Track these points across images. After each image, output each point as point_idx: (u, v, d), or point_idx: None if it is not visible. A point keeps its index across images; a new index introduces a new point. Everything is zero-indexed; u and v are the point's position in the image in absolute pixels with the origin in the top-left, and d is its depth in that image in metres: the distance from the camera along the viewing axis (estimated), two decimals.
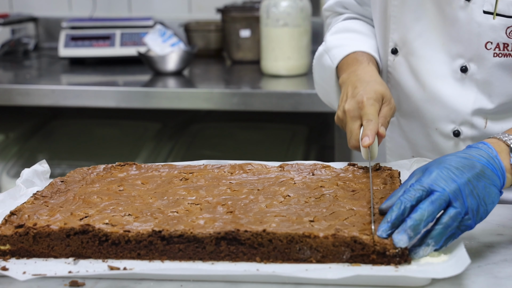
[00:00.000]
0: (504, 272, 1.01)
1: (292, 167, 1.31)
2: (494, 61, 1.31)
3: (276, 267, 1.01)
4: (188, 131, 2.96)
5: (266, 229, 1.02)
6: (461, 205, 1.00)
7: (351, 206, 1.11)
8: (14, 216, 1.10)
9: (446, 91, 1.38)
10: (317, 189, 1.19)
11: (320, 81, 1.56)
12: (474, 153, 1.06)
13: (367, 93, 1.30)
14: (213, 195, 1.18)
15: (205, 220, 1.06)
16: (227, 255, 1.03)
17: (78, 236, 1.04)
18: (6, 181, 2.68)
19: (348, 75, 1.40)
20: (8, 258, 1.06)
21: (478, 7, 1.29)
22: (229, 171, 1.30)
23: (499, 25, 1.28)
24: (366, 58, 1.44)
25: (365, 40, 1.50)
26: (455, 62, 1.36)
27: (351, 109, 1.31)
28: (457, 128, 1.39)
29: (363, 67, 1.41)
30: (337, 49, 1.48)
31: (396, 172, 1.26)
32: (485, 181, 1.03)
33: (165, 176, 1.28)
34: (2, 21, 3.17)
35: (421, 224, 0.98)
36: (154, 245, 1.03)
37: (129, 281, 0.99)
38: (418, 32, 1.39)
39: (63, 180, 1.26)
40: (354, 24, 1.55)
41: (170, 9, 3.38)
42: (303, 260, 1.02)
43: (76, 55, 3.01)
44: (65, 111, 3.06)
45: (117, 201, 1.15)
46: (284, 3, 2.63)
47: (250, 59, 2.97)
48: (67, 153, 2.86)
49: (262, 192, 1.18)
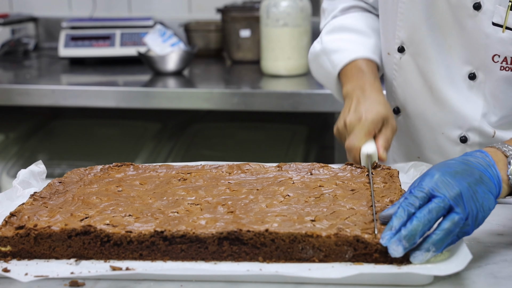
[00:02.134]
0: (504, 272, 1.01)
1: (290, 167, 1.31)
2: (501, 74, 1.28)
3: (279, 267, 1.01)
4: (188, 131, 2.96)
5: (269, 228, 1.02)
6: (462, 211, 0.98)
7: (352, 205, 1.11)
8: (14, 217, 1.10)
9: (454, 96, 1.35)
10: (316, 189, 1.19)
11: (318, 76, 1.57)
12: (473, 160, 1.05)
13: (369, 112, 1.32)
14: (212, 195, 1.18)
15: (206, 220, 1.06)
16: (230, 255, 1.03)
17: (80, 237, 1.04)
18: (6, 181, 2.68)
19: (353, 88, 1.40)
20: (9, 260, 1.05)
21: (488, 18, 1.26)
22: (227, 171, 1.30)
23: (508, 39, 1.25)
24: (371, 70, 1.43)
25: (364, 41, 1.48)
26: (463, 68, 1.33)
27: (351, 123, 1.33)
28: (464, 134, 1.37)
29: (369, 84, 1.40)
30: (337, 54, 1.47)
31: (395, 171, 1.26)
32: (483, 187, 1.01)
33: (163, 177, 1.28)
34: (2, 21, 3.17)
35: (416, 235, 0.96)
36: (156, 245, 1.03)
37: (129, 281, 0.99)
38: (426, 32, 1.35)
39: (61, 181, 1.26)
40: (351, 21, 1.52)
41: (170, 9, 3.38)
42: (306, 259, 1.02)
43: (76, 55, 3.01)
44: (65, 111, 3.06)
45: (117, 202, 1.15)
46: (284, 3, 2.63)
47: (250, 59, 2.97)
48: (67, 153, 2.86)
49: (261, 192, 1.18)
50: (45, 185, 1.26)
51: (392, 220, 0.99)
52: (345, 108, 1.38)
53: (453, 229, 0.98)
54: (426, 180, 1.01)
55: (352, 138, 1.32)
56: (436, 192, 0.99)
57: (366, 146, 1.31)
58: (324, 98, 2.39)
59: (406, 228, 0.97)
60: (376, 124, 1.33)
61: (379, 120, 1.33)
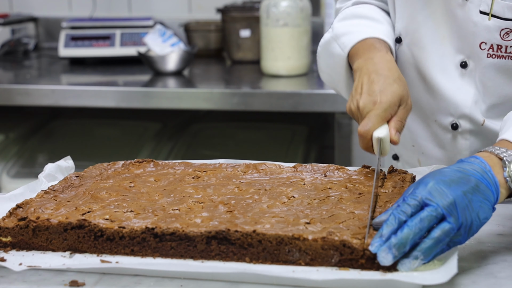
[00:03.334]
0: (504, 272, 1.01)
1: (305, 168, 1.30)
2: (488, 61, 1.31)
3: (265, 268, 1.01)
4: (188, 131, 2.96)
5: (256, 229, 1.02)
6: (455, 221, 0.96)
7: (353, 209, 1.10)
8: (20, 209, 1.13)
9: (446, 84, 1.37)
10: (324, 191, 1.18)
11: (326, 69, 1.48)
12: (468, 167, 1.02)
13: (384, 94, 1.24)
14: (219, 194, 1.18)
15: (202, 218, 1.07)
16: (217, 254, 1.03)
17: (75, 231, 1.06)
18: (6, 181, 2.68)
19: (365, 61, 1.32)
20: (9, 250, 1.08)
21: (475, 6, 1.29)
22: (243, 170, 1.31)
23: (494, 26, 1.28)
24: (384, 46, 1.36)
25: (377, 26, 1.41)
26: (456, 56, 1.36)
27: (365, 107, 1.24)
28: (456, 121, 1.39)
29: (381, 55, 1.32)
30: (347, 36, 1.40)
31: (409, 176, 1.23)
32: (479, 196, 0.99)
33: (179, 174, 1.29)
34: (2, 21, 3.17)
35: (407, 244, 0.95)
36: (147, 242, 1.05)
37: (129, 281, 1.00)
38: (421, 22, 1.38)
39: (78, 175, 1.28)
40: (363, 9, 1.47)
41: (170, 9, 3.38)
42: (292, 262, 1.01)
43: (76, 55, 3.01)
44: (65, 111, 3.06)
45: (124, 198, 1.17)
46: (284, 3, 2.63)
47: (250, 59, 2.97)
48: (67, 153, 2.82)
49: (268, 193, 1.18)
50: None
51: (383, 228, 0.97)
52: (357, 84, 1.29)
53: (442, 238, 0.96)
54: (420, 187, 0.98)
55: (366, 123, 1.22)
56: (428, 200, 0.97)
57: (377, 130, 1.22)
58: (324, 98, 2.39)
59: (396, 237, 0.95)
60: (393, 108, 1.24)
61: (395, 102, 1.24)
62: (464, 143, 1.40)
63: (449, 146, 1.42)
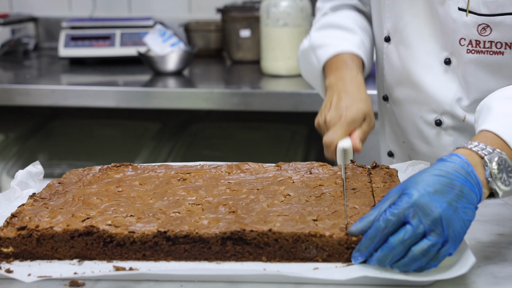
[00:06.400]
0: (504, 272, 1.01)
1: (289, 166, 1.31)
2: (468, 57, 1.34)
3: (282, 266, 1.01)
4: (188, 131, 2.96)
5: (272, 228, 1.02)
6: (438, 236, 0.95)
7: (353, 205, 1.11)
8: (15, 218, 1.09)
9: (429, 81, 1.41)
10: (317, 188, 1.19)
11: (305, 74, 1.60)
12: (450, 170, 0.99)
13: (350, 110, 1.34)
14: (213, 195, 1.18)
15: (208, 220, 1.06)
16: (233, 255, 1.03)
17: (83, 238, 1.04)
18: (6, 181, 2.68)
19: (336, 80, 1.42)
20: (12, 261, 1.05)
21: (454, 3, 1.32)
22: (226, 170, 1.31)
23: (471, 22, 1.30)
24: (355, 63, 1.45)
25: (351, 38, 1.50)
26: (440, 54, 1.39)
27: (332, 120, 1.35)
28: (439, 118, 1.42)
29: (351, 76, 1.42)
30: (322, 49, 1.50)
31: (394, 171, 1.27)
32: (464, 202, 0.97)
33: (163, 177, 1.28)
34: (2, 21, 3.17)
35: (386, 261, 0.96)
36: (160, 245, 1.03)
37: (129, 281, 0.99)
38: (408, 21, 1.42)
39: (60, 182, 1.26)
40: (338, 18, 1.56)
41: (170, 9, 3.38)
42: (309, 259, 1.02)
43: (76, 55, 3.01)
44: (65, 111, 3.06)
45: (117, 202, 1.15)
46: (284, 3, 2.63)
47: (250, 59, 2.97)
48: (67, 153, 2.86)
49: (262, 192, 1.18)
50: (43, 186, 1.26)
51: (362, 243, 0.98)
52: (326, 101, 1.40)
53: (419, 257, 0.95)
54: (404, 199, 0.96)
55: (330, 134, 1.33)
56: (410, 218, 0.95)
57: (342, 141, 1.32)
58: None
59: (376, 257, 0.97)
60: (357, 122, 1.35)
61: (360, 118, 1.35)
62: (448, 139, 1.43)
63: (434, 142, 1.45)
